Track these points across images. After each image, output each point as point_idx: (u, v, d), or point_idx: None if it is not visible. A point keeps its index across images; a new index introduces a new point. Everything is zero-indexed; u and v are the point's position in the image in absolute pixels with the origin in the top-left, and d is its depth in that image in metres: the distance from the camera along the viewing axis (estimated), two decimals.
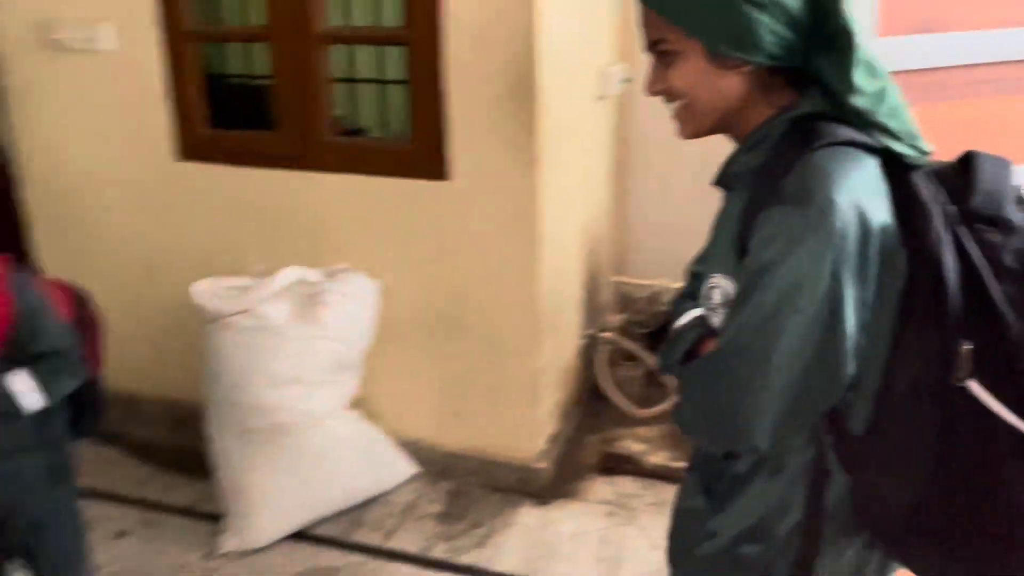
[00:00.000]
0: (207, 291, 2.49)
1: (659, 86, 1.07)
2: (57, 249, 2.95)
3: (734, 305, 1.00)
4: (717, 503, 1.14)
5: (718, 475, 1.15)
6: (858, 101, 0.98)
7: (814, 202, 0.93)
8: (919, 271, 0.93)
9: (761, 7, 0.96)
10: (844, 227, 0.92)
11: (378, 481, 2.62)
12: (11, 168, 2.89)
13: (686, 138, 1.11)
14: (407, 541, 2.46)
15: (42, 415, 1.71)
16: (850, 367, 0.97)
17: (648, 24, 1.05)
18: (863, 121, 0.99)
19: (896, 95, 1.02)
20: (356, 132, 3.61)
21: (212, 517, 2.54)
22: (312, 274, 2.51)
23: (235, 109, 2.88)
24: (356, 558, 2.39)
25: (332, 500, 2.53)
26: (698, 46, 1.01)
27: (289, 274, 2.47)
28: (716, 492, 1.15)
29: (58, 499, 1.79)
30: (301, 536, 2.47)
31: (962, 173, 1.00)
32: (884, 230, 0.95)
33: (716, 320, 1.08)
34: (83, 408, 1.86)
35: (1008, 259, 0.94)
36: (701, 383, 1.04)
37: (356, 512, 2.56)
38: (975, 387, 0.93)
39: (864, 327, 0.96)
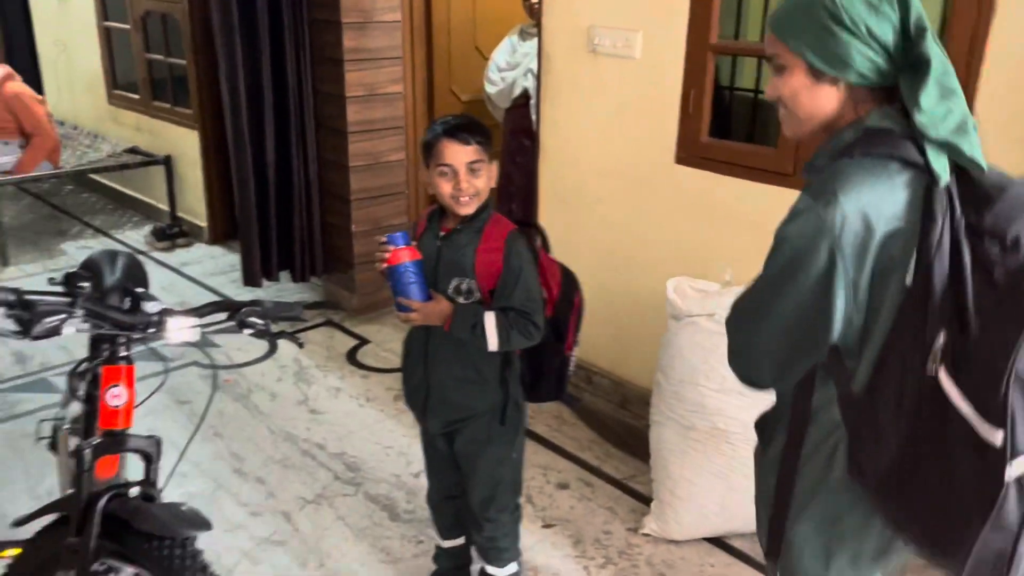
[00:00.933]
0: (679, 288, 2.64)
1: (773, 94, 1.28)
2: (556, 227, 3.37)
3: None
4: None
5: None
6: (921, 118, 1.13)
7: (823, 197, 1.15)
8: (918, 271, 1.12)
9: (855, 34, 1.16)
10: (843, 221, 1.13)
11: None
12: (538, 153, 3.37)
13: (789, 137, 1.34)
14: None
15: (504, 359, 1.98)
16: (834, 334, 1.19)
17: (768, 41, 1.26)
18: (926, 136, 1.14)
19: (963, 115, 1.15)
20: None
21: (640, 496, 2.72)
22: None
23: (731, 119, 2.99)
24: None
25: (754, 519, 2.53)
26: (801, 63, 1.21)
27: None
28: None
29: (503, 432, 2.05)
30: (718, 543, 2.52)
31: (999, 190, 1.13)
32: (893, 233, 1.14)
33: None
34: (548, 375, 2.11)
35: (998, 273, 1.08)
36: (729, 330, 1.33)
37: None
38: (943, 377, 1.08)
39: (858, 305, 1.18)
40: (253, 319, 1.57)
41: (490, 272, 1.90)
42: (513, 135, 3.83)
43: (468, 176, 1.84)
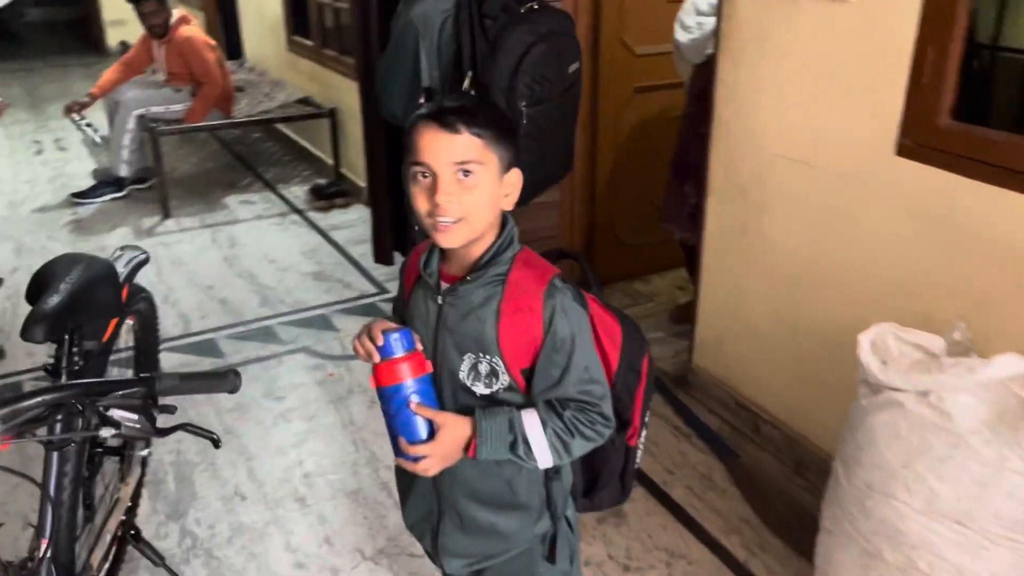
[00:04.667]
0: (880, 341, 1.79)
1: None
2: (725, 225, 2.58)
3: None
4: None
5: None
6: None
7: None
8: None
9: None
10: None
11: None
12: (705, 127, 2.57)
13: None
14: None
15: (550, 471, 1.31)
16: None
17: None
18: None
19: None
20: None
21: None
22: None
23: (989, 95, 2.02)
24: None
25: None
26: None
27: (1010, 364, 1.61)
28: None
29: (551, 573, 1.38)
30: None
31: None
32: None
33: None
34: (608, 478, 1.40)
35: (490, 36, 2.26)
36: None
37: None
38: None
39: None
40: (117, 413, 1.00)
41: (522, 343, 1.22)
42: (698, 99, 2.99)
43: (453, 184, 1.17)
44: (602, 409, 1.24)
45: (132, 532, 1.88)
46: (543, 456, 1.22)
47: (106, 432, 0.96)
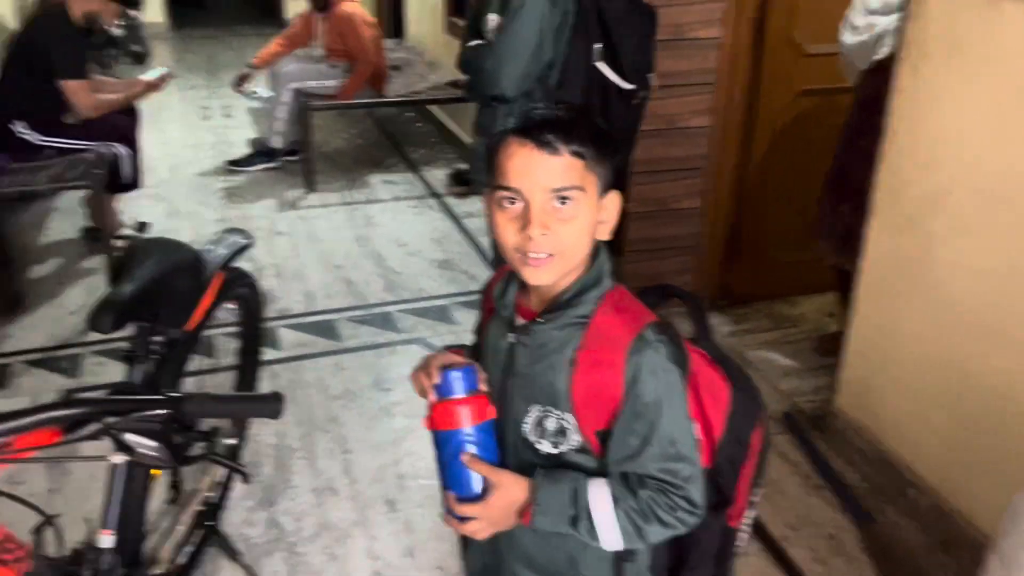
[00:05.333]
0: None
1: None
2: (886, 257, 2.25)
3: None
4: None
5: None
6: None
7: None
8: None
9: None
10: None
11: None
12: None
13: None
14: None
15: (623, 554, 1.10)
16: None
17: None
18: None
19: None
20: None
21: None
22: None
23: None
24: None
25: None
26: None
27: None
28: None
29: None
30: None
31: None
32: None
33: (491, 37, 2.26)
34: (702, 559, 1.17)
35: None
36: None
37: None
38: (602, 66, 2.22)
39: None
40: (130, 437, 0.89)
41: (599, 401, 1.03)
42: (864, 109, 2.65)
43: (549, 214, 0.99)
44: (688, 493, 1.03)
45: (210, 524, 1.84)
46: (610, 537, 1.03)
47: (117, 458, 0.87)
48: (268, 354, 2.99)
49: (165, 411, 0.89)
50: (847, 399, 2.50)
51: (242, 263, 3.73)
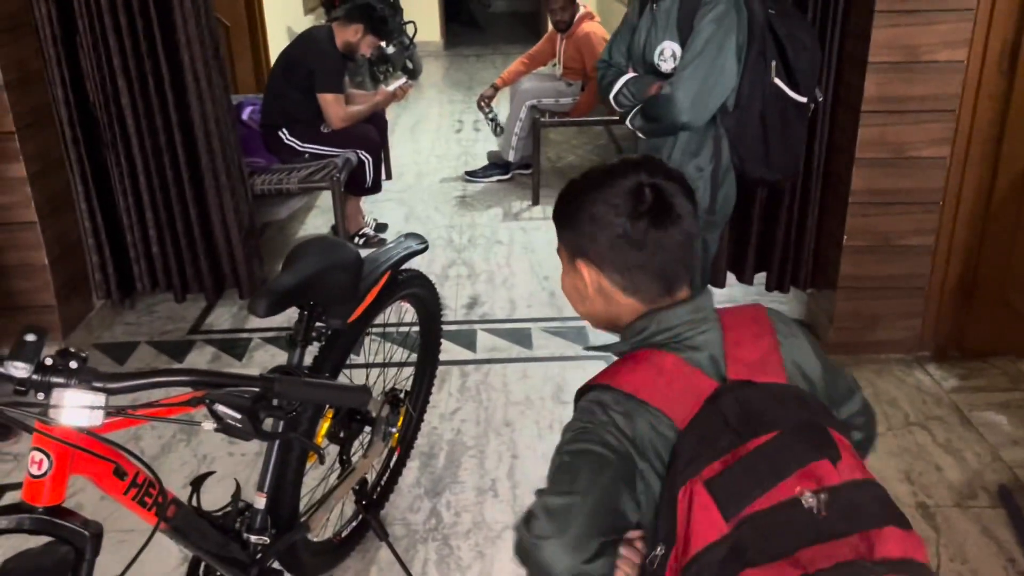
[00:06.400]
0: None
1: None
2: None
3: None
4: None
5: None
6: None
7: (722, 1, 2.11)
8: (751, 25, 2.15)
9: None
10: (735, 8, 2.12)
11: None
12: None
13: None
14: None
15: None
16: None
17: None
18: None
19: None
20: None
21: None
22: None
23: None
24: None
25: None
26: None
27: None
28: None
29: None
30: None
31: None
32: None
33: (666, 67, 2.23)
34: None
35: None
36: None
37: None
38: (779, 82, 2.20)
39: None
40: (220, 408, 1.00)
41: None
42: None
43: None
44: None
45: (365, 503, 1.99)
46: None
47: (207, 425, 0.99)
48: (462, 355, 3.17)
49: (255, 389, 1.01)
50: None
51: (458, 266, 3.99)
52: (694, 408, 0.98)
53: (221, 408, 0.98)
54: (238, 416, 0.99)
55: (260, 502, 1.63)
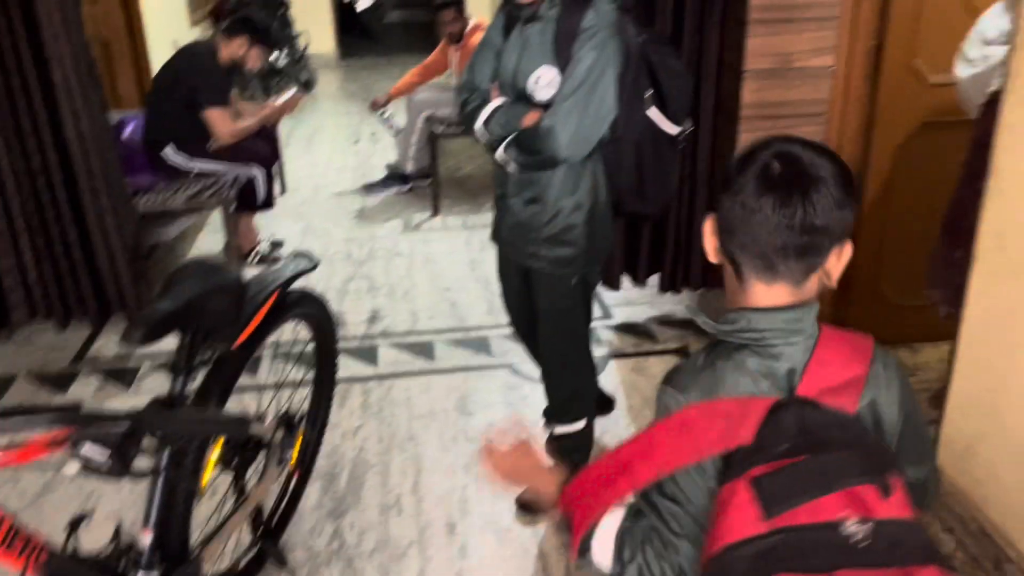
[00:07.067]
0: None
1: None
2: (987, 308, 2.05)
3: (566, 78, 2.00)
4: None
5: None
6: None
7: (603, 28, 1.99)
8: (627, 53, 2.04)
9: None
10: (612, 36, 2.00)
11: None
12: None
13: None
14: None
15: None
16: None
17: None
18: None
19: None
20: None
21: None
22: None
23: None
24: None
25: None
26: None
27: None
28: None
29: None
30: None
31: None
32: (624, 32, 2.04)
33: (542, 95, 2.04)
34: None
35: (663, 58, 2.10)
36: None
37: None
38: (653, 112, 2.10)
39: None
40: (94, 456, 0.95)
41: None
42: (980, 146, 2.41)
43: None
44: None
45: (262, 531, 1.94)
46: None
47: (70, 468, 0.95)
48: (364, 371, 3.13)
49: (128, 425, 0.97)
50: (948, 460, 2.28)
51: (358, 280, 3.93)
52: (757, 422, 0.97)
53: (84, 449, 0.94)
54: (103, 457, 0.94)
55: (146, 539, 1.57)
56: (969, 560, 2.12)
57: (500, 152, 2.10)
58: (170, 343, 1.63)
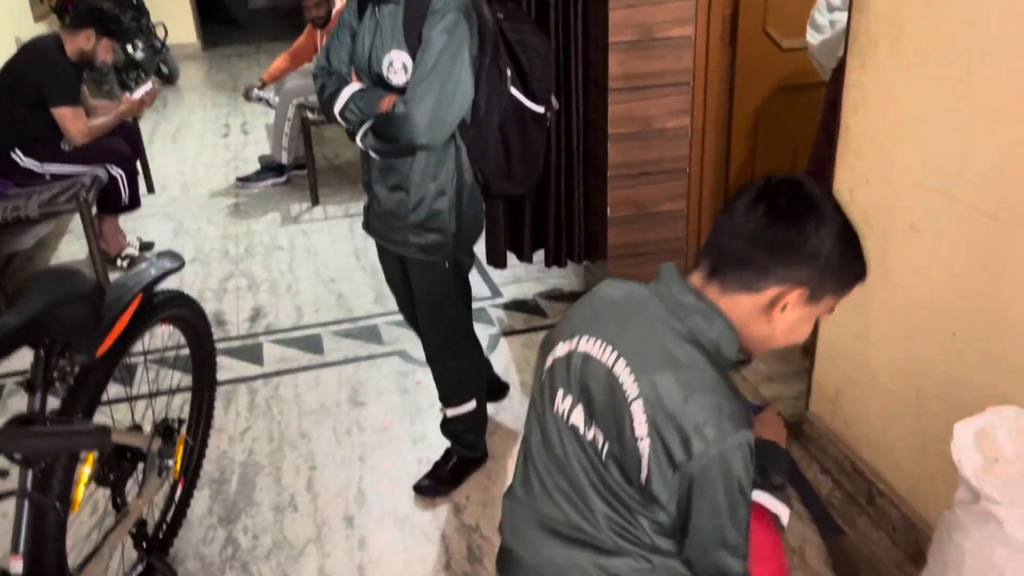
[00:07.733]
0: (987, 431, 1.39)
1: None
2: None
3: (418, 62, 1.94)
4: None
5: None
6: None
7: (453, 9, 1.92)
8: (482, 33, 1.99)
9: None
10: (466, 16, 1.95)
11: None
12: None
13: None
14: None
15: None
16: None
17: None
18: None
19: None
20: None
21: None
22: None
23: None
24: None
25: None
26: None
27: None
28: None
29: None
30: None
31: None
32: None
33: (397, 80, 1.99)
34: None
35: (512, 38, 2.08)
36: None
37: None
38: (515, 91, 2.09)
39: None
40: None
41: None
42: (833, 107, 2.55)
43: None
44: None
45: (147, 545, 1.86)
46: None
47: None
48: (249, 370, 3.03)
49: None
50: (820, 406, 2.41)
51: (237, 278, 3.80)
52: None
53: None
54: None
55: (17, 566, 1.47)
56: (846, 497, 2.25)
57: (358, 139, 2.05)
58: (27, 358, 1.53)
